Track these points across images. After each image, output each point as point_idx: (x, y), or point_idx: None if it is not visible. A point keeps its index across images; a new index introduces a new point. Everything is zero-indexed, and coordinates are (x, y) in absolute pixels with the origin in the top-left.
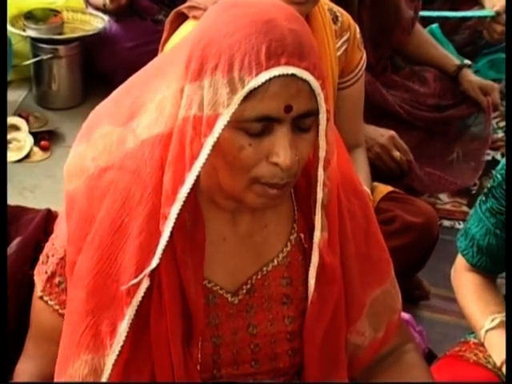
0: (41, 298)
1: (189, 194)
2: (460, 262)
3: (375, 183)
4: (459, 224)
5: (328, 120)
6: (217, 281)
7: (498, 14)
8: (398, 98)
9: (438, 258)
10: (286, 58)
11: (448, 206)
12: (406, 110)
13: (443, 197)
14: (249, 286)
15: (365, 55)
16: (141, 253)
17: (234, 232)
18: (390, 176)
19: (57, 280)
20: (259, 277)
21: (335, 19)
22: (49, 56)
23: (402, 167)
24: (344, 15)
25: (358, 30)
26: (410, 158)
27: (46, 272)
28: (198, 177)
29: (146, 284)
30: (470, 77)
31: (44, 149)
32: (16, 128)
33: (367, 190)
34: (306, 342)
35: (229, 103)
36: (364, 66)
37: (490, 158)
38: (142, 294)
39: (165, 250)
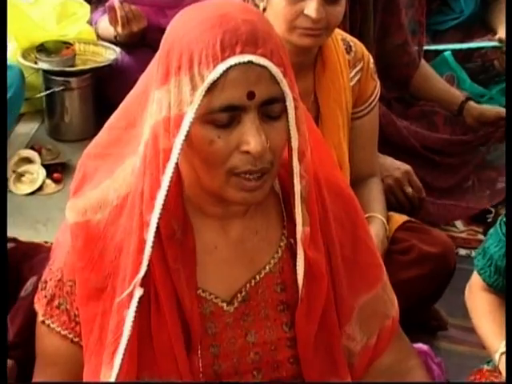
0: (43, 322)
1: (176, 203)
2: (476, 280)
3: (391, 213)
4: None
5: (296, 108)
6: (211, 290)
7: (501, 41)
8: (413, 127)
9: (455, 288)
10: (241, 46)
11: (464, 235)
12: (420, 140)
13: (459, 225)
14: (243, 294)
15: (378, 85)
16: (132, 264)
17: (225, 240)
18: (400, 210)
19: (56, 302)
20: (253, 284)
21: (348, 49)
22: (61, 88)
23: (414, 203)
24: (357, 45)
25: (371, 59)
26: (423, 196)
27: (46, 296)
28: (181, 184)
29: (138, 293)
30: (476, 110)
31: (56, 181)
32: (29, 161)
33: (382, 218)
34: (299, 340)
35: (192, 100)
36: (378, 96)
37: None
38: (136, 304)
39: (157, 260)
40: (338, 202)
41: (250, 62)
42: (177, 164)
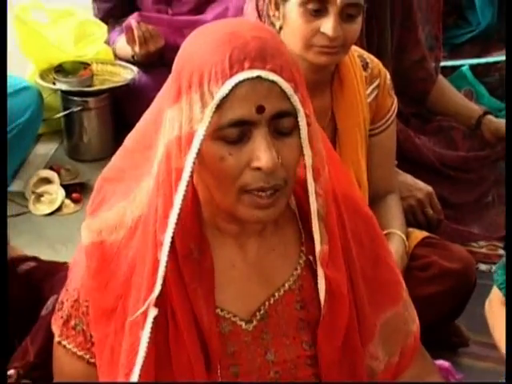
0: (59, 343)
1: (192, 222)
2: (496, 295)
3: (410, 229)
4: None
5: (309, 125)
6: (229, 308)
7: None
8: (431, 143)
9: (476, 304)
10: (250, 62)
11: (484, 250)
12: (437, 156)
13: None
14: (262, 312)
15: (396, 101)
16: (147, 283)
17: (243, 258)
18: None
19: (73, 323)
20: (272, 302)
21: (365, 66)
22: (79, 108)
23: (432, 224)
24: (374, 61)
25: (388, 76)
26: (442, 218)
27: (62, 317)
28: (198, 203)
29: (153, 313)
30: (494, 124)
31: (76, 201)
32: (48, 181)
33: (402, 235)
34: (321, 359)
35: (202, 117)
36: (395, 112)
37: None
38: (151, 325)
39: (174, 280)
40: (356, 219)
41: (258, 78)
42: (190, 183)
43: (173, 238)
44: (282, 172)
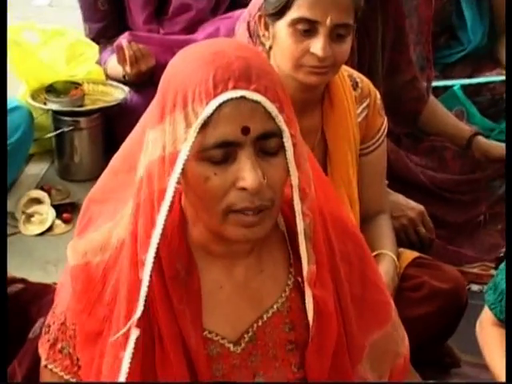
0: (45, 366)
1: (179, 243)
2: (487, 315)
3: (401, 249)
4: None
5: (295, 145)
6: (217, 331)
7: None
8: (422, 163)
9: (468, 324)
10: (234, 82)
11: (476, 270)
12: (429, 178)
13: None
14: (250, 335)
15: (386, 121)
16: (127, 304)
17: (231, 280)
18: (410, 249)
19: (59, 346)
20: (260, 324)
21: (355, 85)
22: (70, 128)
23: (424, 243)
24: (364, 81)
25: (378, 95)
26: (434, 237)
27: (49, 340)
28: (185, 224)
29: (135, 335)
30: (484, 146)
31: (66, 221)
32: (38, 201)
33: (392, 255)
34: (310, 381)
35: (186, 137)
36: (385, 132)
37: None
38: (133, 345)
39: (161, 301)
40: (344, 240)
41: (242, 98)
42: (177, 203)
43: (159, 258)
44: (268, 192)
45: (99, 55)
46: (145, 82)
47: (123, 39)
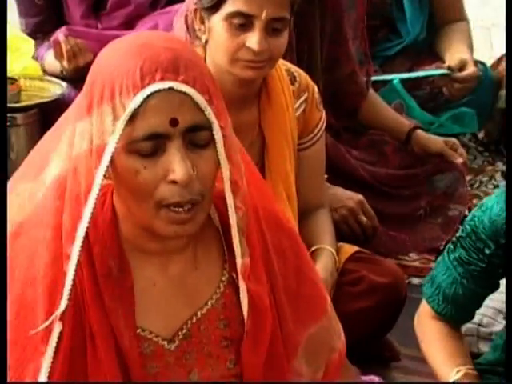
0: None
1: (111, 240)
2: (424, 308)
3: (340, 243)
4: None
5: (225, 137)
6: (151, 328)
7: (450, 69)
8: (362, 157)
9: (408, 318)
10: (161, 73)
11: (416, 263)
12: (369, 172)
13: (411, 254)
14: (185, 332)
15: (324, 115)
16: (48, 297)
17: (165, 277)
18: (354, 240)
19: None
20: (194, 321)
21: (293, 80)
22: (6, 124)
23: (367, 233)
24: (301, 75)
25: (316, 90)
26: (376, 225)
27: None
28: (117, 221)
29: (58, 329)
30: (422, 140)
31: None
32: None
33: (332, 250)
34: (245, 376)
35: (113, 130)
36: (324, 126)
37: (457, 212)
38: (56, 340)
39: (93, 299)
40: (279, 234)
41: (171, 89)
42: (106, 201)
43: (91, 256)
44: (199, 185)
45: (36, 50)
46: (83, 77)
47: (60, 34)
